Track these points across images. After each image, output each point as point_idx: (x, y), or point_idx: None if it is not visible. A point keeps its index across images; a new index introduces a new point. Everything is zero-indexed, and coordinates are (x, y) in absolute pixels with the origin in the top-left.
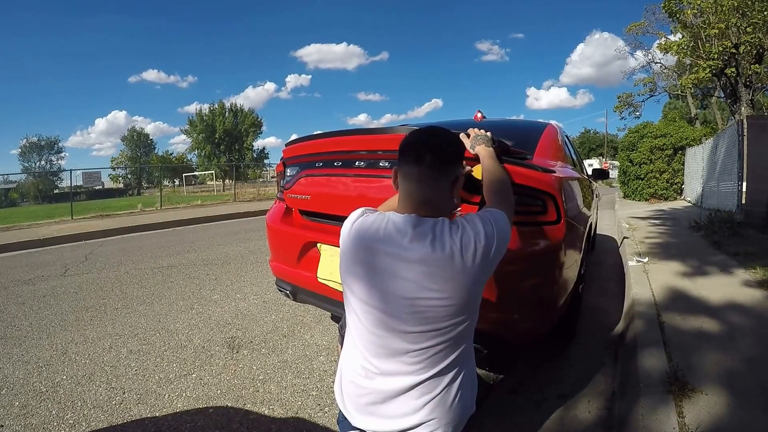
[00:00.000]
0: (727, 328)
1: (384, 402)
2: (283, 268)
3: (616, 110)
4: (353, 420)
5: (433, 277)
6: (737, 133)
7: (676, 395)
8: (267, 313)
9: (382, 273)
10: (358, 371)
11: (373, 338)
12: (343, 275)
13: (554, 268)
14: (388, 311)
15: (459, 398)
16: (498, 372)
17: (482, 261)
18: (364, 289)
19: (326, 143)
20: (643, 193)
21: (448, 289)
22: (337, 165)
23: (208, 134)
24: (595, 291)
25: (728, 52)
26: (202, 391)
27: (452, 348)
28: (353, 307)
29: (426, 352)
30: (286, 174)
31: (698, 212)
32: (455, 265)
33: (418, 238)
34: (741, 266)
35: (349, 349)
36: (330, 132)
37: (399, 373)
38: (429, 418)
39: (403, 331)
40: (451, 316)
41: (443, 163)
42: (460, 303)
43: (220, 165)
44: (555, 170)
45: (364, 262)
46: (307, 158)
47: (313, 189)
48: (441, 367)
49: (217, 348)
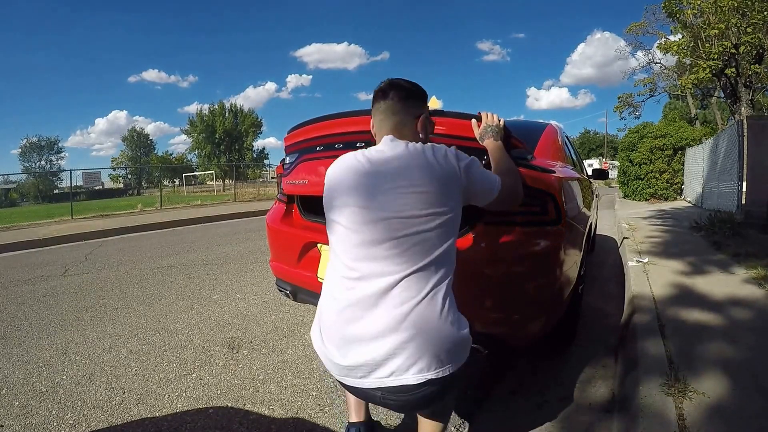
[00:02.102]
0: (728, 329)
1: (364, 315)
2: (283, 268)
3: (616, 110)
4: (336, 365)
5: (407, 169)
6: (737, 134)
7: (677, 397)
8: (267, 313)
9: (365, 178)
10: (339, 289)
11: (355, 237)
12: (333, 200)
13: (554, 269)
14: (371, 206)
15: (445, 315)
16: (498, 373)
17: (451, 165)
18: (352, 196)
19: (327, 126)
20: (643, 194)
21: (419, 177)
22: (338, 147)
23: (208, 134)
24: (596, 291)
25: (728, 52)
26: (202, 392)
27: (432, 245)
28: (340, 224)
29: (406, 242)
30: (286, 162)
31: (698, 212)
32: (427, 158)
33: (393, 146)
34: (742, 266)
35: (330, 276)
36: (331, 114)
37: (380, 274)
38: (410, 337)
39: (383, 218)
40: (426, 205)
41: (404, 99)
42: (433, 191)
43: (220, 165)
44: (555, 170)
45: (350, 178)
46: (307, 143)
47: (311, 173)
48: (422, 263)
49: (217, 348)
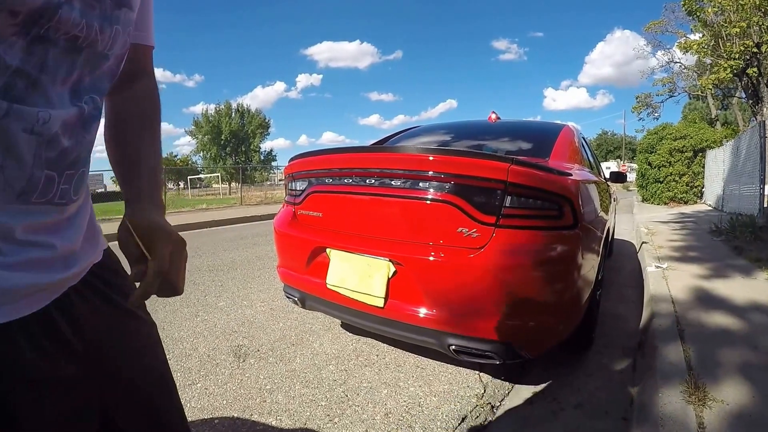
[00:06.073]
0: (749, 335)
1: None
2: (291, 274)
3: (634, 111)
4: None
5: None
6: (759, 135)
7: (697, 405)
8: (274, 321)
9: None
10: None
11: None
12: None
13: (571, 274)
14: None
15: None
16: (513, 381)
17: None
18: None
19: (334, 159)
20: (662, 197)
21: None
22: (348, 182)
23: (214, 136)
24: (614, 297)
25: (750, 51)
26: (208, 402)
27: None
28: None
29: None
30: (296, 188)
31: (719, 216)
32: None
33: None
34: (764, 271)
35: None
36: (336, 148)
37: None
38: None
39: None
40: None
41: None
42: None
43: (226, 167)
44: (572, 173)
45: None
46: (315, 174)
47: (325, 206)
48: None
49: (222, 357)
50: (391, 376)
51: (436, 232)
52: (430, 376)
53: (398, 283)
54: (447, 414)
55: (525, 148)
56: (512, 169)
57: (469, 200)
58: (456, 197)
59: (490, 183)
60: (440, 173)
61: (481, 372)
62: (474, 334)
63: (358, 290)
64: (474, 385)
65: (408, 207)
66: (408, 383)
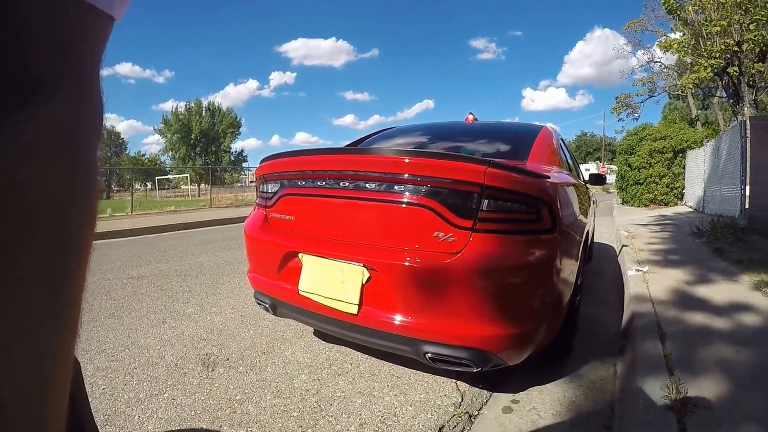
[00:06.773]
0: (731, 339)
1: None
2: (262, 280)
3: (613, 112)
4: None
5: None
6: (740, 135)
7: (678, 412)
8: (244, 328)
9: None
10: None
11: None
12: None
13: (550, 279)
14: None
15: None
16: (492, 389)
17: None
18: None
19: (307, 161)
20: (642, 199)
21: None
22: (321, 185)
23: (184, 134)
24: (593, 302)
25: (731, 50)
26: (175, 412)
27: None
28: None
29: None
30: (268, 190)
31: (700, 218)
32: None
33: None
34: (745, 274)
35: None
36: (310, 150)
37: None
38: None
39: None
40: None
41: None
42: None
43: (195, 168)
44: (550, 176)
45: None
46: (287, 176)
47: (297, 210)
48: None
49: (191, 365)
50: (365, 386)
51: (411, 237)
52: (405, 385)
53: (373, 289)
54: (424, 424)
55: (502, 150)
56: (489, 172)
57: (445, 204)
58: (432, 201)
59: (467, 186)
60: (416, 176)
61: (458, 380)
62: (450, 342)
63: (331, 297)
64: (451, 394)
65: (383, 211)
66: (383, 392)
